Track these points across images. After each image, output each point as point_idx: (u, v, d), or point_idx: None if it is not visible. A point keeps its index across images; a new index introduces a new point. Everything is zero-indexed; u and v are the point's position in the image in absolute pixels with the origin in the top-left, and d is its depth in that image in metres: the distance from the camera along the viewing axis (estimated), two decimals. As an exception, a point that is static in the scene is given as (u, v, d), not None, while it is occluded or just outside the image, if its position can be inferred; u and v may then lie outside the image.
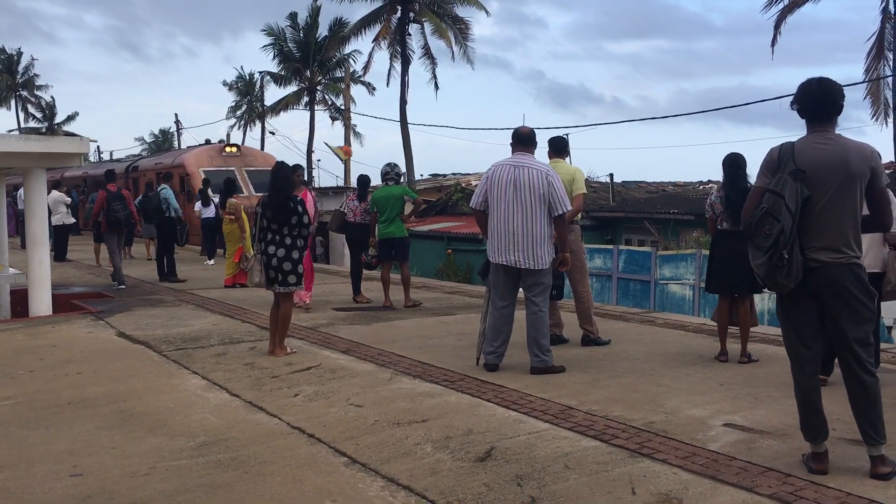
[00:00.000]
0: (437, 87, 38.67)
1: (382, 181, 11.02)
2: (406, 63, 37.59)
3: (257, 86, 56.08)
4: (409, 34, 37.92)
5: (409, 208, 11.77)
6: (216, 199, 18.47)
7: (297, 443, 5.08)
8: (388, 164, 11.12)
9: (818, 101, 4.34)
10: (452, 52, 37.04)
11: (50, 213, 14.79)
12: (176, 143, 69.63)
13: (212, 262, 17.97)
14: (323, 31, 45.98)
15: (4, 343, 8.66)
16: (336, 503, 4.07)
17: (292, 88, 48.77)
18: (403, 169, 11.28)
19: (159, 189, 16.00)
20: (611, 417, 5.50)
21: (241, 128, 60.38)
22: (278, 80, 48.96)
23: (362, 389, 6.38)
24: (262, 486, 4.31)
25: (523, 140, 6.99)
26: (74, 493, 4.24)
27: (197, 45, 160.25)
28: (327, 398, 6.15)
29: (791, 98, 4.45)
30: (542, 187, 6.69)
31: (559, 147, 8.12)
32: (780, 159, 4.35)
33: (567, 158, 8.22)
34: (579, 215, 7.93)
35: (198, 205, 18.57)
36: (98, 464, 4.71)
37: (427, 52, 38.11)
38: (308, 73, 47.04)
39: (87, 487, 4.33)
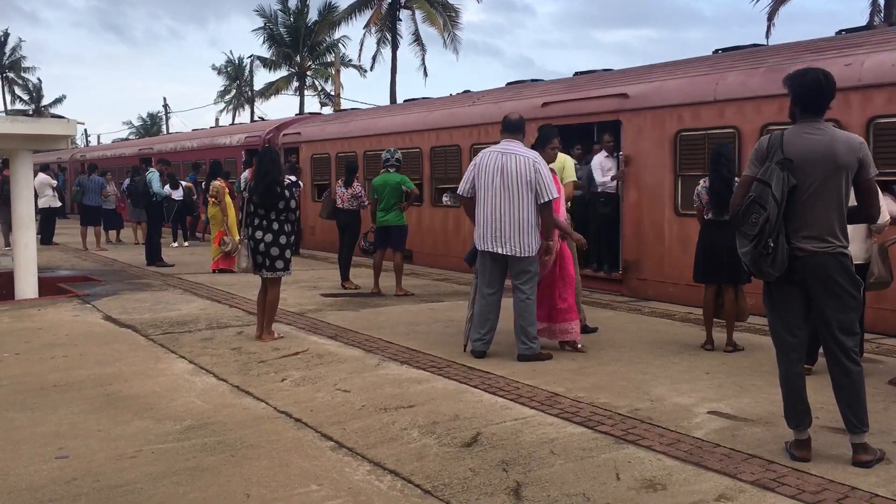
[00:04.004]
0: (426, 73, 38.61)
1: (382, 167, 10.96)
2: (395, 49, 37.45)
3: (246, 70, 55.73)
4: (400, 20, 37.78)
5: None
6: (184, 183, 18.42)
7: (283, 427, 5.09)
8: (388, 151, 11.05)
9: (820, 94, 4.35)
10: (444, 39, 36.93)
11: (36, 196, 14.66)
12: (164, 127, 69.24)
13: (175, 244, 18.36)
14: (313, 15, 45.77)
15: (-10, 326, 8.61)
16: (322, 487, 4.08)
17: (282, 73, 48.55)
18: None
19: (146, 172, 15.90)
20: (597, 404, 5.53)
21: (231, 112, 60.04)
22: (268, 64, 48.63)
23: (349, 375, 6.39)
24: (247, 470, 4.32)
25: (511, 127, 6.98)
26: (60, 476, 4.23)
27: (182, 27, 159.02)
28: (314, 383, 6.15)
29: (787, 81, 4.45)
30: (529, 174, 6.69)
31: (545, 139, 8.10)
32: (768, 149, 4.37)
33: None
34: (569, 203, 7.94)
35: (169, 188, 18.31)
36: (84, 446, 4.70)
37: (417, 39, 37.99)
38: (298, 57, 46.77)
39: (72, 470, 4.32)
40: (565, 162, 7.81)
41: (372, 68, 38.99)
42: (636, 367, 6.64)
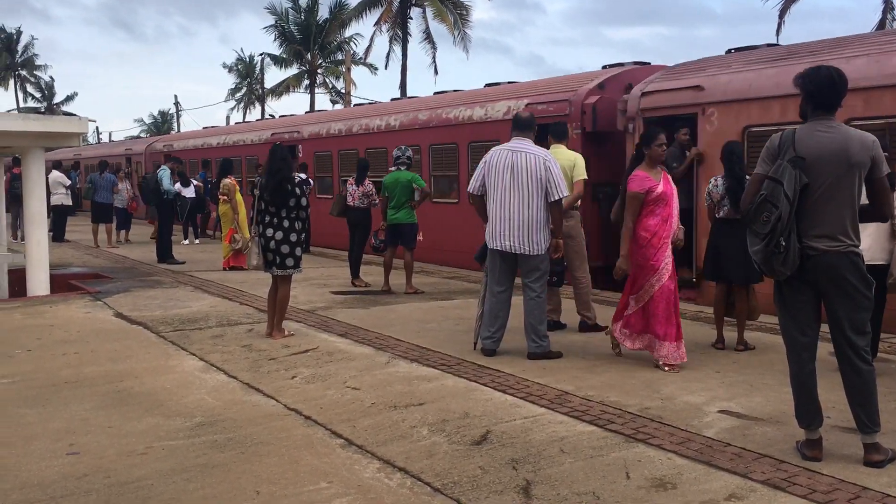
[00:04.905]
0: (436, 71, 38.61)
1: (393, 165, 10.95)
2: (406, 46, 37.46)
3: (257, 68, 55.86)
4: (411, 17, 37.79)
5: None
6: (195, 182, 18.50)
7: (293, 424, 5.10)
8: (400, 149, 11.03)
9: (833, 91, 4.31)
10: (454, 37, 36.91)
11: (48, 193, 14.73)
12: (175, 124, 69.46)
13: (186, 241, 18.44)
14: (324, 13, 45.83)
15: (2, 322, 8.66)
16: (332, 484, 4.09)
17: (293, 71, 48.63)
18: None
19: (157, 170, 15.96)
20: (607, 403, 5.52)
21: (241, 110, 60.20)
22: (279, 62, 48.73)
23: (359, 372, 6.40)
24: (258, 467, 4.33)
25: (522, 125, 6.97)
26: (71, 472, 4.26)
27: (193, 24, 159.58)
28: (324, 381, 6.16)
29: (798, 79, 4.42)
30: (540, 172, 6.68)
31: (560, 133, 8.10)
32: (780, 146, 4.34)
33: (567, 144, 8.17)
34: (579, 201, 7.92)
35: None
36: (95, 443, 4.73)
37: (428, 37, 38.00)
38: (309, 55, 46.85)
39: (83, 466, 4.34)
40: (576, 160, 7.79)
41: (386, 66, 39.17)
42: (646, 365, 6.61)
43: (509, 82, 15.32)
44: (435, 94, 17.75)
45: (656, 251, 6.42)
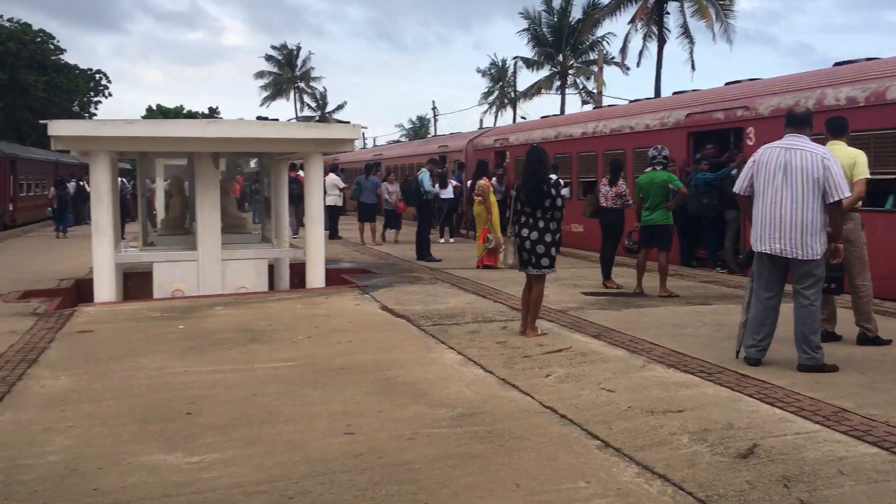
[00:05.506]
0: (693, 67, 37.46)
1: (649, 165, 10.74)
2: (662, 43, 36.42)
3: (509, 71, 57.19)
4: (668, 13, 36.69)
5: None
6: (452, 182, 19.21)
7: (549, 422, 5.15)
8: (655, 148, 10.79)
9: None
10: (713, 32, 35.30)
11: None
12: (432, 129, 72.98)
13: (442, 240, 19.18)
14: (576, 14, 45.90)
15: (286, 311, 9.62)
16: (590, 485, 4.08)
17: (544, 73, 49.23)
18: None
19: (417, 173, 16.89)
20: (892, 423, 4.99)
21: (493, 113, 61.98)
22: (531, 64, 49.58)
23: (614, 374, 6.32)
24: (516, 461, 4.43)
25: (797, 121, 6.49)
26: (348, 450, 4.63)
27: (449, 32, 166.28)
28: (578, 381, 6.16)
29: None
30: (817, 172, 6.19)
31: (839, 128, 7.43)
32: None
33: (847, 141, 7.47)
34: (859, 202, 7.23)
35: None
36: (367, 425, 5.10)
37: (685, 32, 36.72)
38: (560, 56, 47.15)
39: (359, 446, 4.70)
40: (857, 158, 7.11)
41: (638, 64, 38.31)
42: (941, 386, 5.89)
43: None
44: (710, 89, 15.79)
45: None
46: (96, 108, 56.33)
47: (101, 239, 10.73)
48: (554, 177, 15.69)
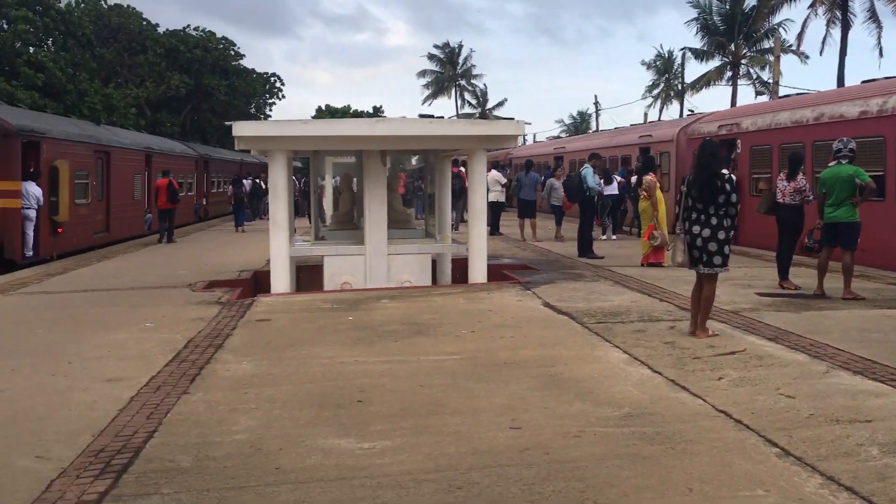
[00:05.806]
0: (881, 53, 34.64)
1: (833, 159, 10.05)
2: (846, 29, 33.99)
3: (676, 62, 55.33)
4: (853, -3, 34.25)
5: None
6: (617, 178, 18.77)
7: (723, 426, 4.94)
8: (841, 141, 10.07)
9: None
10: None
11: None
12: (593, 123, 71.84)
13: (604, 237, 18.80)
14: (750, 1, 43.70)
15: (449, 305, 9.78)
16: (769, 493, 3.87)
17: (714, 63, 47.27)
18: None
19: (580, 169, 16.69)
20: None
21: (658, 107, 60.17)
22: (699, 55, 47.72)
23: (793, 380, 5.97)
24: (688, 464, 4.28)
25: None
26: (513, 444, 4.64)
27: (611, 24, 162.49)
28: (754, 385, 5.86)
29: None
30: None
31: None
32: None
33: None
34: None
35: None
36: (532, 420, 5.09)
37: (872, 16, 34.07)
38: (732, 46, 45.07)
39: (524, 441, 4.70)
40: None
41: (821, 52, 36.00)
42: None
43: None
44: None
45: None
46: (270, 110, 59.60)
47: (278, 233, 11.35)
48: (726, 172, 15.10)
